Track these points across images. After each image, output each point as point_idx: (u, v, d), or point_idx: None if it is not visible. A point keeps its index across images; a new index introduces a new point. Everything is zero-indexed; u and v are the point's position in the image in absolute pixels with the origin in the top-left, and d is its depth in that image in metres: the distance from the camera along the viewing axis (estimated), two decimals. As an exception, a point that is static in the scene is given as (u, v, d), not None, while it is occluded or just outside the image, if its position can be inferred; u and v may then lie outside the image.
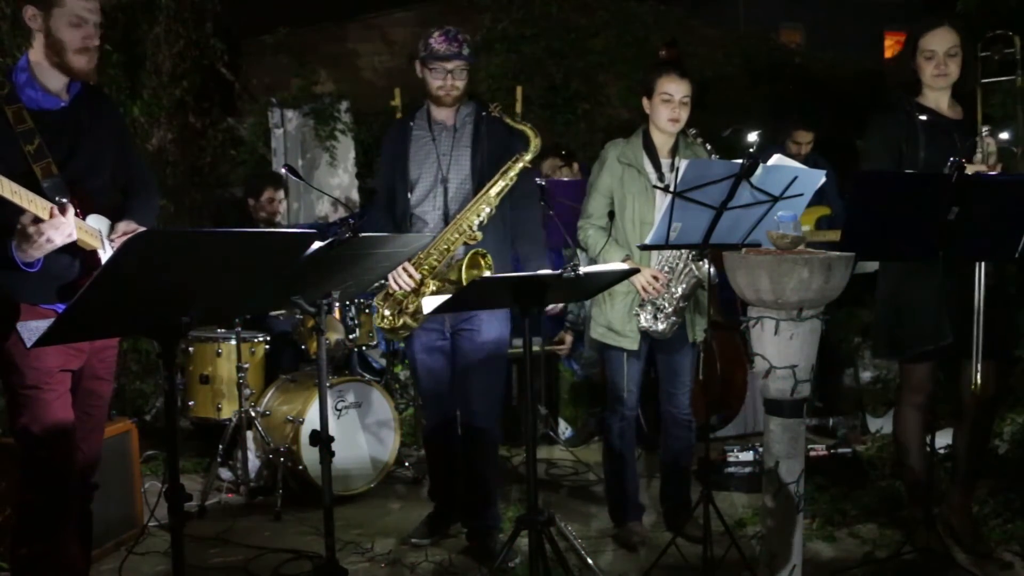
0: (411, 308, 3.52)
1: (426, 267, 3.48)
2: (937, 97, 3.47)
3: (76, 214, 2.58)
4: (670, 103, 3.53)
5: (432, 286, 3.47)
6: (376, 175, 3.69)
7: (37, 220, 2.43)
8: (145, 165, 3.18)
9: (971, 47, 3.44)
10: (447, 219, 3.51)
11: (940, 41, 3.39)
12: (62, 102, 2.69)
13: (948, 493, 3.68)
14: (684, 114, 3.55)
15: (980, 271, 3.15)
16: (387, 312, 3.58)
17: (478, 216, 3.43)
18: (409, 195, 3.57)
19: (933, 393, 3.48)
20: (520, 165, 3.45)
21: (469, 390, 3.61)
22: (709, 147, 3.64)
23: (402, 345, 4.67)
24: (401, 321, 3.55)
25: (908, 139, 3.41)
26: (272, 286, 2.36)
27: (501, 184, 3.44)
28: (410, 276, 3.45)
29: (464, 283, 3.36)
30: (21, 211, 2.42)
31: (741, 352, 5.20)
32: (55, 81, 2.69)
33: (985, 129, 3.27)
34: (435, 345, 3.64)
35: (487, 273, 3.39)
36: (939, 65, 3.39)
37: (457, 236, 3.44)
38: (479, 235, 3.42)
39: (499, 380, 3.70)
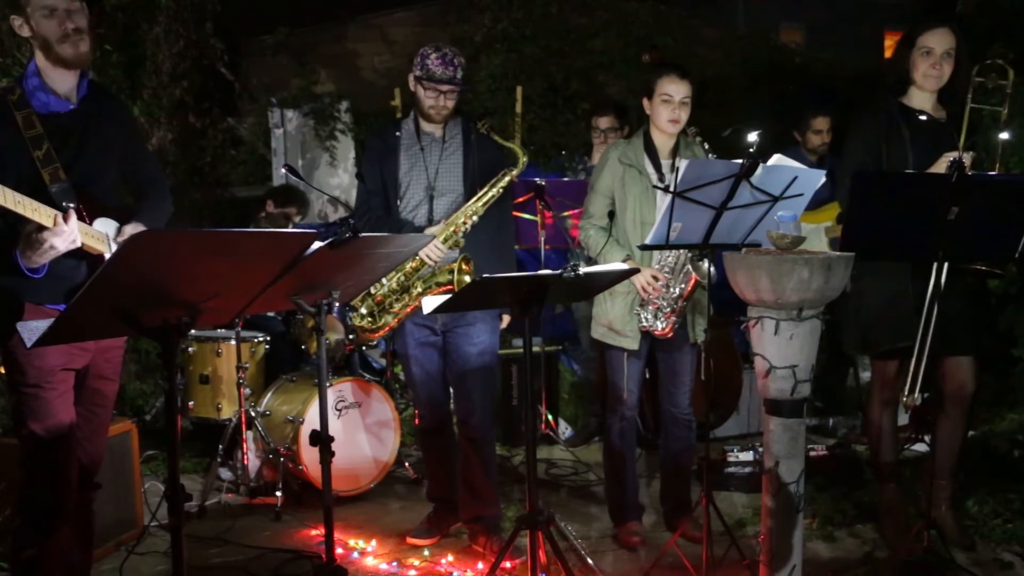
0: (395, 307, 3.56)
1: (408, 269, 3.52)
2: (924, 97, 3.48)
3: (83, 218, 2.60)
4: (670, 104, 3.53)
5: (419, 287, 3.52)
6: (361, 181, 3.72)
7: (41, 228, 2.45)
8: (158, 166, 3.19)
9: (969, 51, 3.44)
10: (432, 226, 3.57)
11: (939, 40, 3.40)
12: (71, 104, 2.72)
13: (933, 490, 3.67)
14: (684, 115, 3.56)
15: (934, 269, 3.11)
16: (364, 311, 3.60)
17: (465, 223, 3.50)
18: (398, 202, 3.62)
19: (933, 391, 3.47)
20: (508, 179, 3.56)
21: (464, 389, 3.66)
22: (707, 146, 3.64)
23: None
24: (383, 320, 3.58)
25: (889, 140, 3.43)
26: (272, 286, 2.35)
27: (490, 194, 3.54)
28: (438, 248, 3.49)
29: (455, 285, 3.40)
30: (26, 218, 2.43)
31: (735, 349, 5.19)
32: (63, 84, 2.70)
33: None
34: (427, 341, 3.67)
35: (467, 278, 3.44)
36: (934, 64, 3.40)
37: (443, 240, 3.50)
38: (462, 241, 3.50)
39: (492, 378, 3.76)
